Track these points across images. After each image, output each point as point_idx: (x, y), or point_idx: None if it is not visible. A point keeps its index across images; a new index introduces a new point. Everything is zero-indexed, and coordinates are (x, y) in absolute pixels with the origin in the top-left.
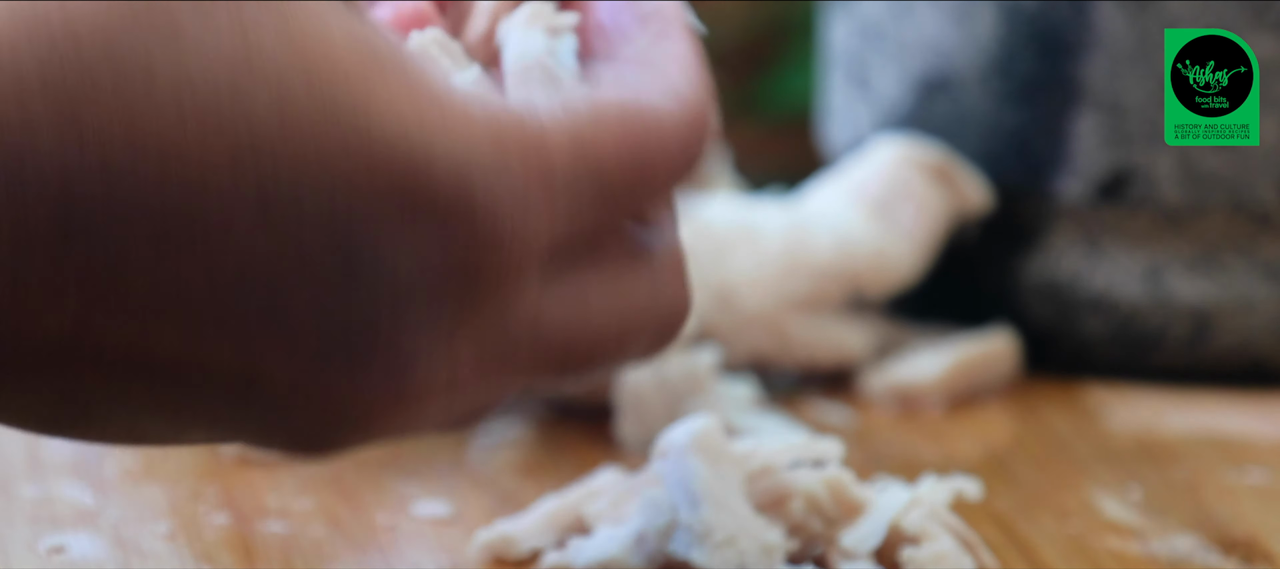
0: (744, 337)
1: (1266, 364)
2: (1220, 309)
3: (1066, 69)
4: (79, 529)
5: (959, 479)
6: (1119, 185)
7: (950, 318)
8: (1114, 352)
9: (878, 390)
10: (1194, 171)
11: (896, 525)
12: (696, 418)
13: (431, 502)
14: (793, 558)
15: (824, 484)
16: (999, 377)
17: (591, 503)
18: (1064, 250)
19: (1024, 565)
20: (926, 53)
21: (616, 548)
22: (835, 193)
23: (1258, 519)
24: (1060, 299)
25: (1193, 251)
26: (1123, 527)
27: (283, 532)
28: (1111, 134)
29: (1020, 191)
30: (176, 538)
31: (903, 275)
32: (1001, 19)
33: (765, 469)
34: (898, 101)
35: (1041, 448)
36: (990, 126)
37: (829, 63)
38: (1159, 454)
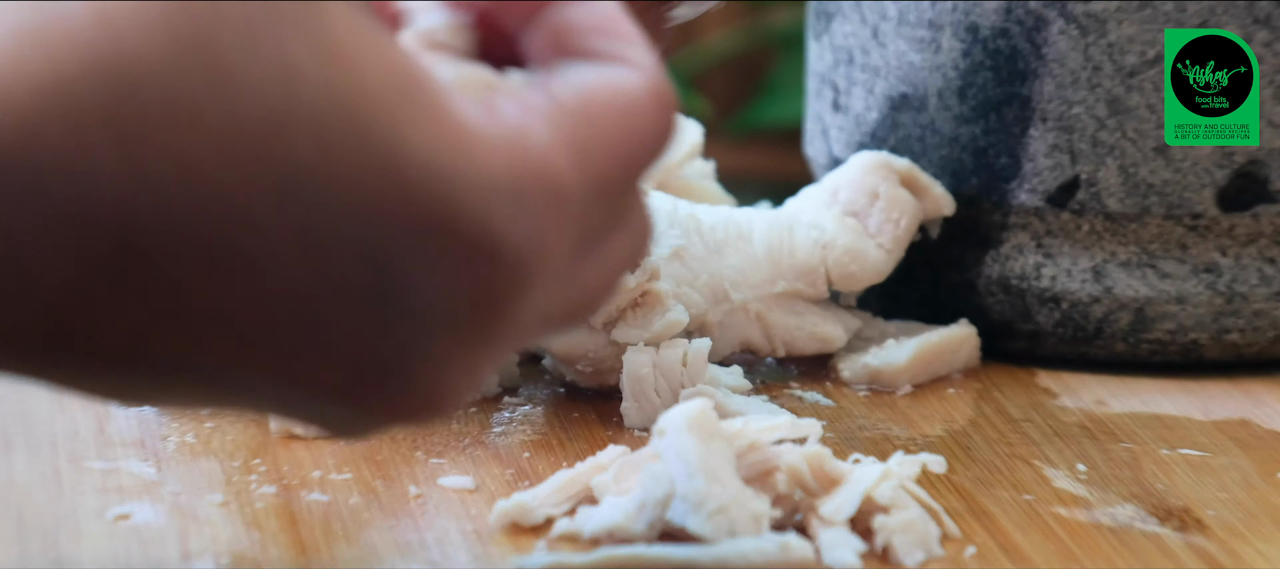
0: (733, 328)
1: (1198, 352)
2: (1156, 304)
3: (1020, 90)
4: (142, 499)
5: (925, 455)
6: (1067, 194)
7: (916, 311)
8: (1062, 341)
9: (852, 375)
10: (1134, 182)
11: (870, 496)
12: (691, 401)
13: (457, 475)
14: (777, 525)
15: (805, 459)
16: (960, 363)
17: (598, 476)
18: (1018, 251)
19: (982, 532)
20: (896, 76)
21: (620, 516)
22: (815, 199)
23: (1191, 491)
24: (1014, 294)
25: (1132, 253)
26: (1070, 497)
27: (324, 501)
28: (1060, 148)
29: (979, 199)
30: (229, 506)
31: (874, 273)
32: (962, 46)
33: (752, 446)
34: (870, 119)
35: (998, 427)
36: (952, 141)
37: (810, 86)
38: (1102, 433)
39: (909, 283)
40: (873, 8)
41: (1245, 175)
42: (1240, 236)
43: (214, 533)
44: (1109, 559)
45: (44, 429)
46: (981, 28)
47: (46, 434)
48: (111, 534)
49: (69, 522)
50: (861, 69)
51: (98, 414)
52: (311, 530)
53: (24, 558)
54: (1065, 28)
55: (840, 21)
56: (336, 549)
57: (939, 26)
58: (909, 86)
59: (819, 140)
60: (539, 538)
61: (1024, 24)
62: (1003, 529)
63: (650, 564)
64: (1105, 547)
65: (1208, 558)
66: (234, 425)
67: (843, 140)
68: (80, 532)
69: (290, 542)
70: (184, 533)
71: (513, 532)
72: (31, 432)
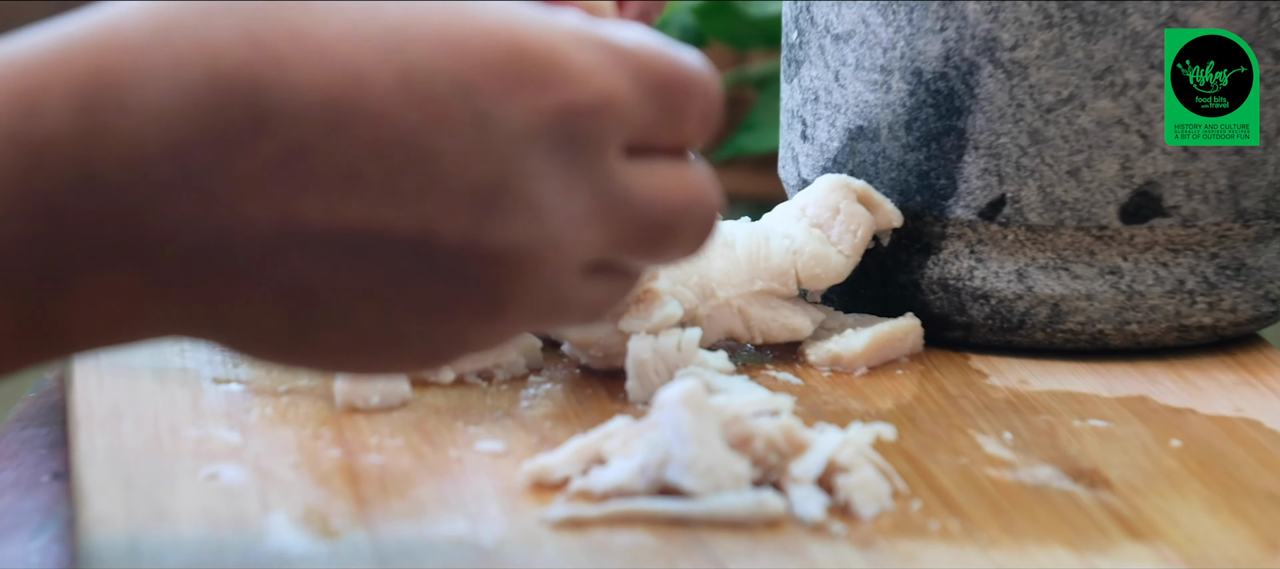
0: (719, 320)
1: (1104, 340)
2: (1069, 300)
3: (956, 124)
4: (228, 461)
5: (878, 425)
6: (995, 209)
7: (870, 306)
8: (991, 331)
9: (817, 359)
10: (1051, 199)
11: (833, 459)
12: (685, 380)
13: (490, 441)
14: (756, 483)
15: (779, 428)
16: (907, 349)
17: (608, 442)
18: (954, 257)
19: (926, 489)
20: (854, 112)
21: (626, 476)
22: (787, 214)
23: (1099, 455)
24: (951, 292)
25: (1049, 258)
26: (999, 460)
27: (380, 463)
28: (990, 172)
29: (922, 213)
30: (301, 468)
31: (836, 275)
32: (908, 87)
33: (735, 418)
34: (833, 148)
35: (938, 402)
36: (900, 166)
37: (783, 121)
38: (1025, 407)
39: (864, 282)
40: (835, 55)
41: (1143, 194)
42: (1139, 245)
43: (288, 490)
44: (1031, 512)
45: (148, 404)
46: (924, 72)
47: (150, 408)
48: (203, 490)
49: (167, 480)
50: (826, 106)
51: (192, 390)
52: (370, 487)
53: (130, 509)
54: (994, 72)
55: (808, 67)
56: (390, 503)
57: (889, 71)
58: (865, 120)
59: (790, 165)
60: (559, 493)
61: (960, 69)
62: (943, 487)
63: (650, 515)
64: (1028, 501)
65: (1113, 511)
66: (306, 399)
67: (810, 165)
68: (177, 488)
69: (352, 496)
70: (263, 489)
71: (537, 489)
72: (137, 406)
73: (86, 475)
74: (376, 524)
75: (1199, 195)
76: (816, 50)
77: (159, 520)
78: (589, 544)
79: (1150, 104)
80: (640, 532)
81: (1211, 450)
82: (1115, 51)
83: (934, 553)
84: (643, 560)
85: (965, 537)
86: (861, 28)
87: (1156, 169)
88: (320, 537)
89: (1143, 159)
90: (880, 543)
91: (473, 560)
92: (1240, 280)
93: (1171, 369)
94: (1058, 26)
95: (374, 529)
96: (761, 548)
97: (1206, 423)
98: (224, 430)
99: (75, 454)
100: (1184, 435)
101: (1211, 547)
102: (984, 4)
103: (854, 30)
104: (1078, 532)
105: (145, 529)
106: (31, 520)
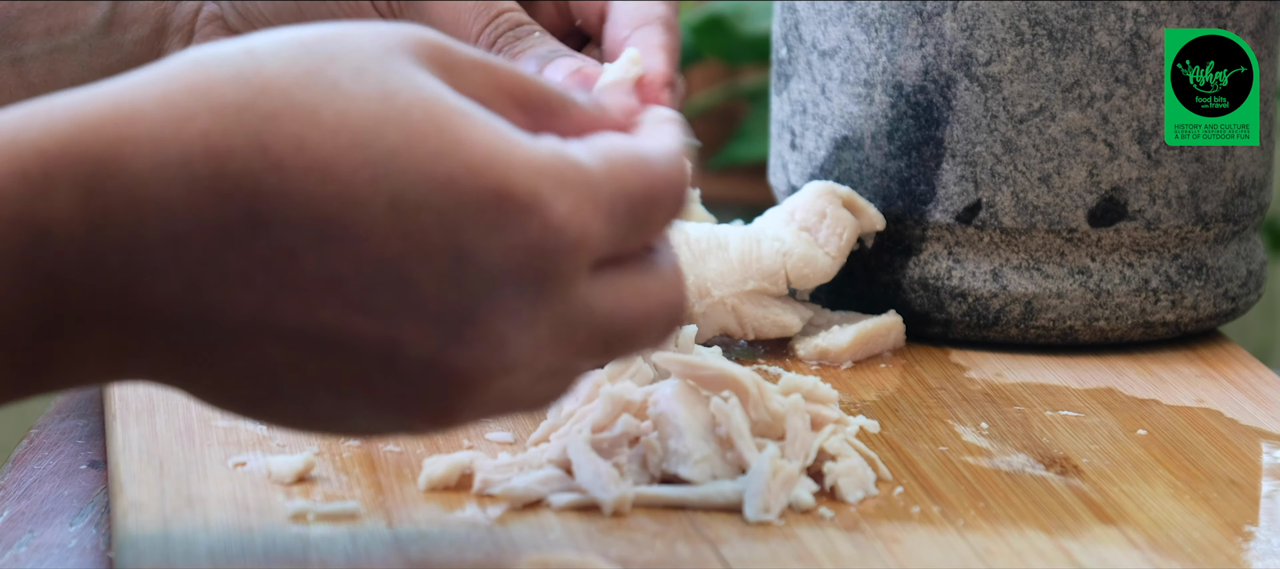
0: (714, 317)
1: (1074, 336)
2: (1041, 298)
3: (935, 134)
4: (255, 449)
5: (862, 417)
6: (971, 213)
7: (855, 304)
8: (968, 327)
9: (805, 354)
10: (1023, 204)
11: (822, 447)
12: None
13: (499, 431)
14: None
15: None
16: (889, 345)
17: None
18: (934, 258)
19: (908, 475)
20: (839, 123)
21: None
22: (777, 218)
23: (1069, 443)
24: (931, 291)
25: (1022, 259)
26: (976, 448)
27: (396, 451)
28: (966, 178)
29: (903, 217)
30: (323, 455)
31: (823, 275)
32: (890, 99)
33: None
34: (820, 156)
35: (919, 394)
36: (883, 173)
37: (773, 131)
38: (1000, 398)
39: (849, 282)
40: (821, 70)
41: (1109, 199)
42: (1106, 246)
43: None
44: (1006, 497)
45: (179, 397)
46: (905, 85)
47: (181, 400)
48: (231, 477)
49: (198, 467)
50: (813, 118)
51: None
52: (387, 474)
53: (163, 495)
54: (970, 86)
55: (796, 81)
56: (406, 488)
57: (872, 85)
58: (849, 131)
59: (780, 172)
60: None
61: (938, 82)
62: (923, 473)
63: (652, 500)
64: (1003, 487)
65: (1083, 496)
66: None
67: (799, 173)
68: (206, 475)
69: (370, 482)
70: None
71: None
72: (170, 398)
73: (121, 464)
74: (393, 510)
75: (1162, 200)
76: (804, 66)
77: (189, 507)
78: (594, 527)
79: (1116, 115)
80: (640, 516)
81: (1175, 439)
82: (1083, 66)
83: (915, 536)
84: (643, 542)
85: (945, 520)
86: (846, 45)
87: (1122, 176)
88: (340, 522)
89: (1109, 166)
90: (865, 526)
91: (485, 543)
92: (1201, 279)
93: (1137, 363)
94: (1029, 43)
95: (391, 515)
96: (753, 531)
97: (1170, 413)
98: (251, 422)
99: (111, 444)
100: (1149, 425)
101: (1175, 529)
102: (960, 22)
103: (839, 47)
104: (1050, 515)
105: (177, 515)
106: (70, 506)
